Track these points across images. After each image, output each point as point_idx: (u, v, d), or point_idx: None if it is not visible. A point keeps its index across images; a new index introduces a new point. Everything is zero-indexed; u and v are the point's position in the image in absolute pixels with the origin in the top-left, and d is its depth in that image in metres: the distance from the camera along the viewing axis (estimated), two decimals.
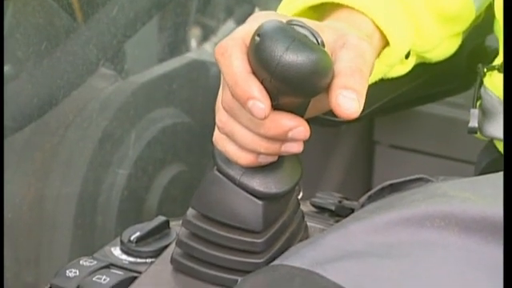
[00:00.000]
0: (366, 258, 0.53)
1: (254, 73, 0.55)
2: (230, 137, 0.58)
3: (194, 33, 1.49)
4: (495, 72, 0.74)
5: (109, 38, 0.95)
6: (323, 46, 0.55)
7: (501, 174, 0.61)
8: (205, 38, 1.52)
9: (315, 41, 0.55)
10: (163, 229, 0.71)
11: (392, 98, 0.88)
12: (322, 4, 0.67)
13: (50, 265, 0.96)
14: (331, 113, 0.80)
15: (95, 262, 0.68)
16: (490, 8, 0.77)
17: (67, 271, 0.67)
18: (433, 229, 0.55)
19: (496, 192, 0.58)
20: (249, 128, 0.57)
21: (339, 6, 0.66)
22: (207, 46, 1.49)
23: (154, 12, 1.01)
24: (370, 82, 0.72)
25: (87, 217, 0.98)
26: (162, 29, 1.15)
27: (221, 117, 0.58)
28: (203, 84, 1.11)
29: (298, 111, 0.57)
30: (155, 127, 1.03)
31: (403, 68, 0.74)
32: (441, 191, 0.58)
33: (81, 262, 0.68)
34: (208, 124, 1.14)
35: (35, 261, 0.96)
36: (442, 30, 0.74)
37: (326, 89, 0.56)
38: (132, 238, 0.69)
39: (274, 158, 0.59)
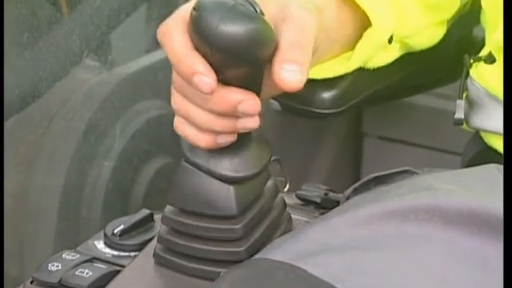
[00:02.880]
0: (349, 251, 0.53)
1: (196, 48, 0.54)
2: (186, 119, 0.58)
3: None
4: (481, 63, 0.74)
5: (92, 28, 0.94)
6: (262, 14, 0.55)
7: (486, 167, 0.61)
8: None
9: (253, 9, 0.54)
10: (147, 222, 0.71)
11: (379, 89, 0.87)
12: None
13: (33, 258, 0.95)
14: (318, 104, 0.80)
15: (78, 256, 0.67)
16: None
17: (49, 265, 0.66)
18: (417, 222, 0.54)
19: (481, 185, 0.58)
20: (201, 106, 0.57)
21: None
22: None
23: (138, 3, 1.00)
24: (354, 66, 0.72)
25: (72, 209, 0.97)
26: (149, 20, 1.14)
27: (175, 99, 0.58)
28: None
29: (250, 87, 0.57)
30: (140, 119, 1.02)
31: (387, 56, 0.74)
32: (426, 184, 0.58)
33: (63, 256, 0.67)
34: None
35: (19, 254, 0.96)
36: (424, 16, 0.73)
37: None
38: (116, 232, 0.69)
39: (234, 138, 0.59)
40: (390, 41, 0.72)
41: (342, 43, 0.69)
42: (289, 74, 0.54)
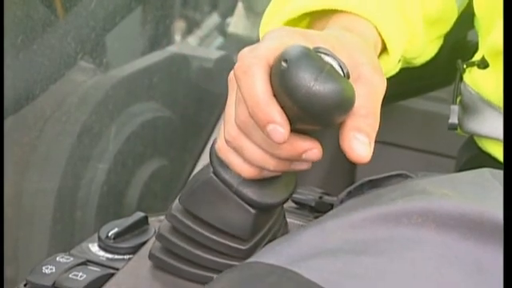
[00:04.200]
0: (342, 254, 0.53)
1: (276, 97, 0.53)
2: (237, 151, 0.57)
3: (178, 26, 1.48)
4: (474, 68, 0.74)
5: (87, 31, 0.94)
6: (348, 77, 0.54)
7: (479, 171, 0.61)
8: (189, 31, 1.51)
9: (341, 72, 0.54)
10: (142, 225, 0.71)
11: None
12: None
13: (28, 260, 0.95)
14: None
15: (72, 259, 0.67)
16: (470, 4, 0.77)
17: (43, 268, 0.66)
18: (410, 225, 0.54)
19: (475, 189, 0.58)
20: (261, 147, 0.56)
21: (336, 10, 0.65)
22: (190, 40, 1.48)
23: (133, 5, 1.00)
24: None
25: (66, 212, 0.97)
26: (144, 22, 1.14)
27: (231, 131, 0.57)
28: (184, 78, 1.10)
29: (313, 132, 0.56)
30: (135, 121, 1.02)
31: (389, 73, 0.73)
32: (419, 188, 0.58)
33: (57, 259, 0.67)
34: (189, 118, 1.14)
35: (13, 256, 0.96)
36: (427, 34, 0.73)
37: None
38: (110, 234, 0.69)
39: (279, 174, 0.59)
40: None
41: None
42: (360, 146, 0.54)
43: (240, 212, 0.60)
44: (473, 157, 0.78)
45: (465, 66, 0.74)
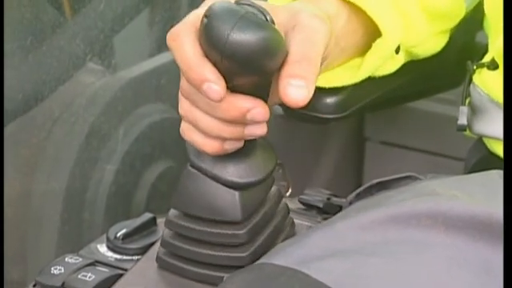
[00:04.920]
0: (352, 256, 0.53)
1: (206, 56, 0.54)
2: (193, 125, 0.58)
3: None
4: (484, 69, 0.74)
5: (96, 32, 0.94)
6: (272, 23, 0.55)
7: (489, 173, 0.61)
8: None
9: (264, 18, 0.54)
10: (150, 226, 0.71)
11: (382, 95, 0.87)
12: None
13: (36, 261, 0.95)
14: (320, 109, 0.80)
15: (81, 259, 0.67)
16: (479, 5, 0.77)
17: (52, 268, 0.66)
18: (419, 227, 0.54)
19: (484, 191, 0.58)
20: (209, 113, 0.57)
21: None
22: None
23: (142, 7, 1.00)
24: (363, 76, 0.72)
25: (74, 213, 0.97)
26: (152, 24, 1.15)
27: (182, 105, 0.58)
28: None
29: (259, 94, 0.57)
30: (143, 123, 1.02)
31: (393, 65, 0.74)
32: (428, 189, 0.58)
33: (66, 259, 0.67)
34: None
35: (22, 257, 0.96)
36: (430, 26, 0.73)
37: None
38: (118, 235, 0.69)
39: (240, 144, 0.59)
40: (396, 51, 0.72)
41: (350, 51, 0.69)
42: (295, 89, 0.54)
43: (224, 196, 0.60)
44: (482, 158, 0.78)
45: (475, 67, 0.74)
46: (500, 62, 0.73)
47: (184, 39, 0.54)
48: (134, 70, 1.03)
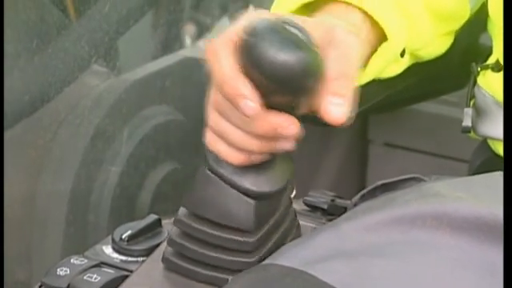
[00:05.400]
0: (357, 257, 0.53)
1: (245, 72, 0.54)
2: (221, 137, 0.58)
3: (189, 30, 1.48)
4: (489, 71, 0.74)
5: (101, 34, 0.94)
6: (314, 45, 0.55)
7: (493, 174, 0.61)
8: (199, 34, 1.52)
9: (306, 40, 0.55)
10: (155, 227, 0.71)
11: (386, 97, 0.87)
12: (316, 1, 0.67)
13: (42, 263, 0.95)
14: None
15: (86, 261, 0.68)
16: (483, 6, 0.77)
17: (58, 270, 0.66)
18: (425, 228, 0.54)
19: (489, 192, 0.58)
20: (240, 127, 0.57)
21: (331, 1, 0.66)
22: (201, 43, 1.48)
23: (146, 9, 1.01)
24: (367, 79, 0.72)
25: (79, 214, 0.97)
26: (156, 26, 1.15)
27: (212, 117, 0.58)
28: (196, 81, 1.11)
29: (290, 109, 0.57)
30: (148, 124, 1.02)
31: (397, 67, 0.74)
32: (433, 191, 0.58)
33: (72, 261, 0.67)
34: (201, 122, 1.14)
35: (27, 258, 0.96)
36: (435, 27, 0.73)
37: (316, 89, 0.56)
38: (123, 237, 0.69)
39: (267, 157, 0.59)
40: (401, 54, 0.72)
41: (362, 58, 0.70)
42: (336, 108, 0.55)
43: (240, 204, 0.60)
44: (486, 160, 0.78)
45: (479, 69, 0.74)
46: None
47: (221, 53, 0.55)
48: (139, 72, 1.03)
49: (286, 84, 0.54)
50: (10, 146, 0.91)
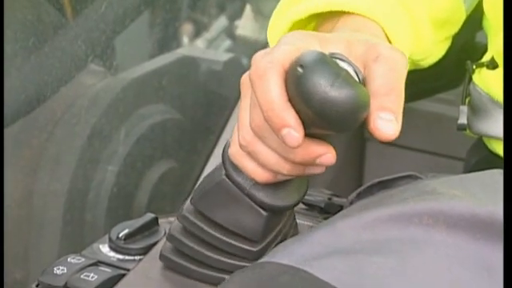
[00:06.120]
0: (354, 254, 0.53)
1: (291, 102, 0.54)
2: (252, 155, 0.58)
3: (186, 29, 1.48)
4: (484, 69, 0.74)
5: (97, 34, 0.94)
6: (364, 83, 0.55)
7: (489, 172, 0.61)
8: (196, 34, 1.52)
9: (356, 77, 0.54)
10: (152, 226, 0.71)
11: None
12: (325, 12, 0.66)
13: (39, 262, 0.95)
14: None
15: (83, 260, 0.68)
16: (479, 5, 0.77)
17: (55, 268, 0.66)
18: (421, 226, 0.54)
19: (485, 190, 0.58)
20: (276, 151, 0.56)
21: (344, 12, 0.65)
22: (199, 42, 1.48)
23: (143, 8, 1.01)
24: None
25: (76, 214, 0.97)
26: (153, 25, 1.15)
27: (245, 135, 0.57)
28: (193, 80, 1.11)
29: (329, 139, 0.57)
30: (145, 123, 1.03)
31: None
32: (429, 188, 0.58)
33: (69, 260, 0.68)
34: (198, 120, 1.14)
35: (24, 257, 0.96)
36: (435, 35, 0.73)
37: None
38: (120, 235, 0.69)
39: (293, 177, 0.59)
40: None
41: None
42: (386, 123, 0.54)
43: (252, 214, 0.60)
44: (482, 158, 0.79)
45: (474, 67, 0.74)
46: (499, 61, 0.73)
47: (271, 79, 0.54)
48: (136, 71, 1.03)
49: (332, 121, 0.53)
50: (6, 146, 0.92)
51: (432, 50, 0.74)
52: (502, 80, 0.70)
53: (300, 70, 0.52)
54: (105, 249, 0.69)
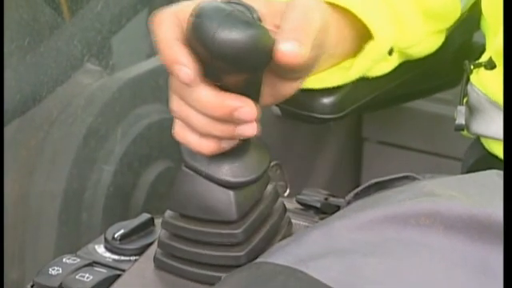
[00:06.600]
0: (350, 255, 0.53)
1: (194, 52, 0.55)
2: (185, 123, 0.58)
3: None
4: (482, 69, 0.74)
5: (94, 33, 0.94)
6: (259, 21, 0.56)
7: (487, 173, 0.61)
8: None
9: (251, 16, 0.55)
10: (148, 226, 0.71)
11: (380, 95, 0.87)
12: None
13: (34, 262, 0.95)
14: (318, 109, 0.80)
15: (78, 260, 0.67)
16: (476, 4, 0.77)
17: (50, 269, 0.66)
18: (418, 227, 0.54)
19: (482, 191, 0.58)
20: (199, 111, 0.57)
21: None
22: None
23: (139, 7, 1.01)
24: (354, 77, 0.72)
25: (72, 214, 0.97)
26: (149, 24, 1.14)
27: (173, 102, 0.59)
28: None
29: (249, 93, 0.57)
30: (141, 123, 1.02)
31: (387, 65, 0.74)
32: (427, 189, 0.58)
33: (64, 260, 0.67)
34: None
35: (20, 258, 0.96)
36: (425, 25, 0.73)
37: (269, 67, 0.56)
38: (116, 236, 0.69)
39: (235, 143, 0.59)
40: (389, 52, 0.72)
41: (340, 56, 0.69)
42: (289, 46, 0.54)
43: (219, 195, 0.60)
44: (480, 159, 0.78)
45: (472, 67, 0.74)
46: (497, 61, 0.73)
47: (163, 23, 0.56)
48: (132, 71, 1.03)
49: (232, 61, 0.54)
50: (3, 145, 0.91)
51: (421, 38, 0.74)
52: (502, 80, 0.70)
53: (193, 17, 0.54)
54: (100, 249, 0.69)
